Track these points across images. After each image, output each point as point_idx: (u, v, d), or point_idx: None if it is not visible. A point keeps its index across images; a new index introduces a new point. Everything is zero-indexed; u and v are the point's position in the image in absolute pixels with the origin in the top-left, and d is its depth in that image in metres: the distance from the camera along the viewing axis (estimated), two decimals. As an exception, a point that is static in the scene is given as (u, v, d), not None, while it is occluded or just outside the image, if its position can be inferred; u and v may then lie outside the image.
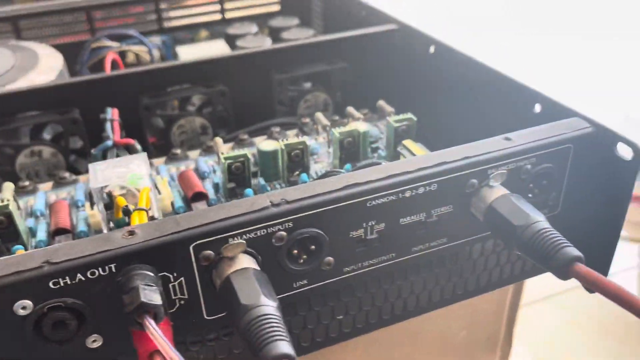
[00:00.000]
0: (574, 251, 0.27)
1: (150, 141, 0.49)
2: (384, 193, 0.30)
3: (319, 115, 0.45)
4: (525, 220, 0.29)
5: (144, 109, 0.46)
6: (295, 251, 0.29)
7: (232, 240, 0.27)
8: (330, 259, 0.30)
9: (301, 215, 0.28)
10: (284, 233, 0.28)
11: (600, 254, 0.36)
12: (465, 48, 0.45)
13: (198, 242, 0.27)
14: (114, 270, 0.25)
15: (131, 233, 0.26)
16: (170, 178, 0.40)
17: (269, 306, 0.25)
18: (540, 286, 0.60)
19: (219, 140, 0.42)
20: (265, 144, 0.39)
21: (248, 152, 0.38)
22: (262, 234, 0.28)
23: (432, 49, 0.48)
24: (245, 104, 0.50)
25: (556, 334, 1.10)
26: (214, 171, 0.41)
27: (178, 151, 0.44)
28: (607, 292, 0.25)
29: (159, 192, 0.36)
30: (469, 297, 0.36)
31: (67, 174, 0.41)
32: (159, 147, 0.49)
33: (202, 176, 0.40)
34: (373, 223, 0.30)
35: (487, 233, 0.34)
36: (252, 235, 0.28)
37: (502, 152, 0.31)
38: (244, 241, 0.27)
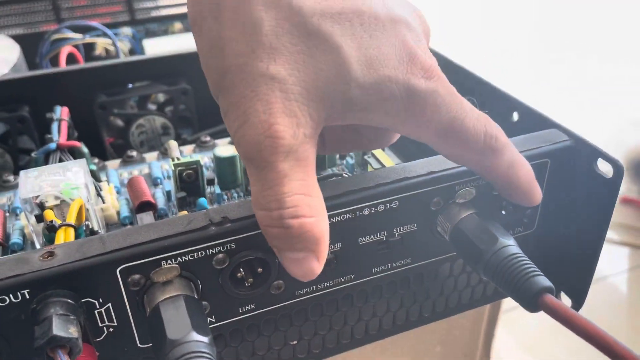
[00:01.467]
0: (544, 281, 0.25)
1: (108, 142, 0.46)
2: (339, 211, 0.27)
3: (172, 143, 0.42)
4: (493, 244, 0.26)
5: (99, 107, 0.43)
6: (240, 273, 0.26)
7: (165, 264, 0.24)
8: (280, 282, 0.27)
9: (245, 235, 0.25)
10: (224, 255, 0.25)
11: (578, 275, 0.33)
12: (442, 49, 0.43)
13: (125, 265, 0.24)
14: (27, 296, 0.23)
15: (50, 254, 0.23)
16: (121, 185, 0.37)
17: (199, 342, 0.22)
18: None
19: (172, 143, 0.39)
20: (222, 149, 0.36)
21: (203, 157, 0.35)
22: (200, 256, 0.25)
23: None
24: (209, 103, 0.46)
25: (540, 339, 1.08)
26: (168, 177, 0.38)
27: (134, 153, 0.41)
28: (578, 329, 0.23)
29: (103, 201, 0.33)
30: (437, 319, 0.34)
31: (11, 177, 0.39)
32: (118, 147, 0.46)
33: (154, 182, 0.38)
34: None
35: (453, 253, 0.31)
36: (189, 257, 0.25)
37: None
38: (177, 265, 0.24)
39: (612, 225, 0.32)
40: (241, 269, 0.26)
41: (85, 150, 0.36)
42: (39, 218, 0.29)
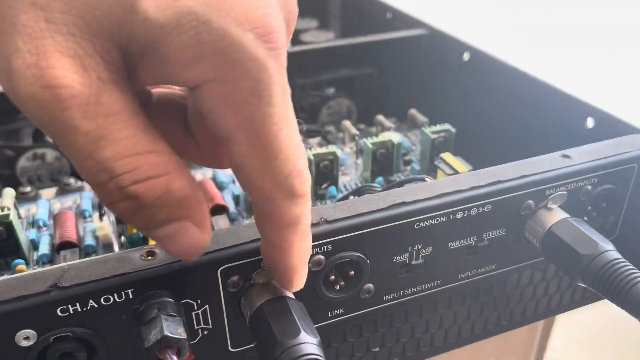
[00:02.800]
0: (651, 287, 0.24)
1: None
2: (434, 214, 0.26)
3: (347, 123, 0.42)
4: (593, 249, 0.26)
5: None
6: (333, 277, 0.26)
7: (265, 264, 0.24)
8: (371, 285, 0.27)
9: (342, 237, 0.25)
10: (321, 257, 0.25)
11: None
12: (503, 54, 0.42)
13: (227, 265, 0.23)
14: (130, 296, 0.22)
15: (151, 254, 0.23)
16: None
17: (310, 344, 0.21)
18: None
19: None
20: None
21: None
22: (299, 257, 0.24)
23: (466, 56, 0.45)
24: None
25: (567, 354, 1.07)
26: (233, 181, 0.38)
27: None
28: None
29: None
30: (514, 328, 0.33)
31: (72, 180, 0.38)
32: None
33: (220, 186, 0.37)
34: (419, 247, 0.27)
35: (538, 259, 0.31)
36: (288, 258, 0.24)
37: (561, 171, 0.28)
38: (280, 266, 0.24)
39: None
40: (334, 272, 0.26)
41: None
42: (120, 220, 0.29)
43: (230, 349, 0.26)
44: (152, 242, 0.26)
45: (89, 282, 0.21)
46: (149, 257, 0.23)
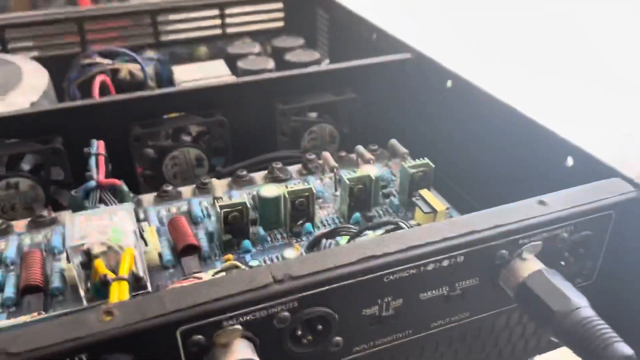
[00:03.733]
0: (624, 348, 0.23)
1: (139, 171, 0.45)
2: (403, 267, 0.26)
3: (327, 155, 0.41)
4: (566, 306, 0.25)
5: (134, 139, 0.42)
6: (300, 332, 0.25)
7: (227, 324, 0.23)
8: (339, 339, 0.26)
9: (308, 293, 0.24)
10: (287, 314, 0.24)
11: (637, 328, 0.32)
12: (486, 84, 0.42)
13: (186, 326, 0.23)
14: (85, 360, 0.21)
15: (109, 313, 0.22)
16: (159, 223, 0.36)
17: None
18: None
19: (216, 182, 0.38)
20: (267, 189, 0.35)
21: (246, 198, 0.34)
22: (262, 315, 0.24)
23: (449, 83, 0.44)
24: (244, 134, 0.46)
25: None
26: (209, 215, 0.37)
27: (169, 188, 0.40)
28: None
29: (146, 244, 0.32)
30: (490, 372, 0.33)
31: (45, 212, 0.37)
32: (148, 178, 0.45)
33: (195, 221, 0.36)
34: (389, 299, 0.26)
35: (513, 306, 0.30)
36: (250, 317, 0.24)
37: (537, 219, 0.28)
38: (240, 326, 0.23)
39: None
40: (301, 327, 0.25)
41: (125, 188, 0.35)
42: (85, 265, 0.28)
43: (193, 406, 0.25)
44: (111, 298, 0.25)
45: (40, 348, 0.21)
46: (107, 318, 0.22)
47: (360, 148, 0.42)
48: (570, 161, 0.34)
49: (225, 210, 0.33)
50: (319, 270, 0.24)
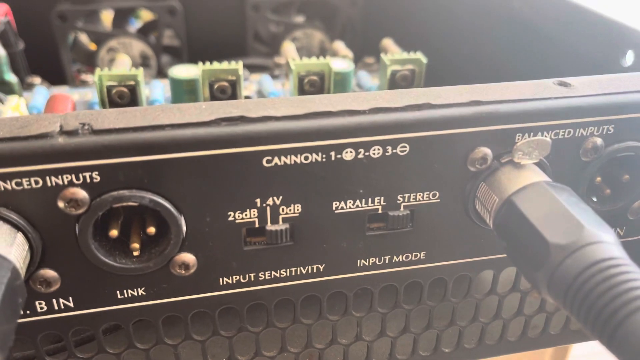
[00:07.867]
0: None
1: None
2: (300, 145, 0.15)
3: (287, 46, 0.31)
4: (574, 236, 0.14)
5: (58, 16, 0.34)
6: (114, 230, 0.15)
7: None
8: (190, 256, 0.16)
9: (122, 160, 0.14)
10: (80, 190, 0.14)
11: None
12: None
13: None
14: None
15: None
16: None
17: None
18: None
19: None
20: (178, 69, 0.25)
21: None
22: (35, 186, 0.14)
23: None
24: (204, 30, 0.36)
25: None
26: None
27: (90, 79, 0.31)
28: None
29: None
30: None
31: None
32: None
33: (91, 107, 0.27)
34: (276, 200, 0.16)
35: (501, 255, 0.19)
36: (13, 186, 0.14)
37: (548, 103, 0.16)
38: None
39: None
40: (115, 222, 0.15)
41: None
42: None
43: None
44: None
45: None
46: None
47: (337, 43, 0.31)
48: (630, 57, 0.23)
49: (110, 83, 0.23)
50: (143, 126, 0.14)
